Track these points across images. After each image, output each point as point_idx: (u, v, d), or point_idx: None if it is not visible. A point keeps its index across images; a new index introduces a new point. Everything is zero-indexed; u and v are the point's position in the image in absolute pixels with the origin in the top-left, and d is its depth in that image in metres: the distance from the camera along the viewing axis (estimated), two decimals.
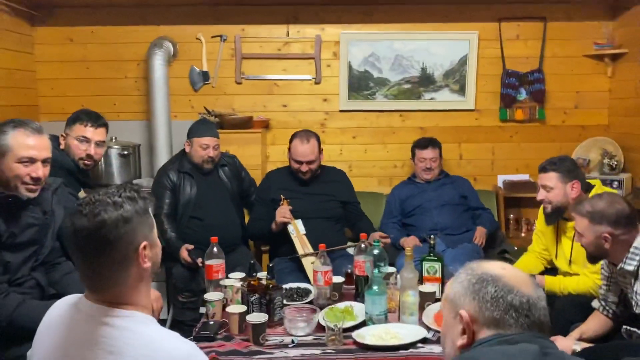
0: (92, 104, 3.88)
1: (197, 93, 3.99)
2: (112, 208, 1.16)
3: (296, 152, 3.05)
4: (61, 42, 3.93)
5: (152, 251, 1.24)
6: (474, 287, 1.09)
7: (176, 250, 2.87)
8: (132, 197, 1.21)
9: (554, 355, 0.99)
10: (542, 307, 1.07)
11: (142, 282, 1.23)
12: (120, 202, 1.18)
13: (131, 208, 1.18)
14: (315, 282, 2.35)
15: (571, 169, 2.49)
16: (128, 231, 1.17)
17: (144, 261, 1.20)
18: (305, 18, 3.94)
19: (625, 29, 3.78)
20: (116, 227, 1.15)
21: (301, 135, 3.08)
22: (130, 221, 1.17)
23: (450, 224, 3.39)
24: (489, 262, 1.15)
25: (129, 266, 1.18)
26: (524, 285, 1.08)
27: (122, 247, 1.16)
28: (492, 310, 1.06)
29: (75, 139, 2.49)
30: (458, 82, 3.98)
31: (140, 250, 1.19)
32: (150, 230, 1.24)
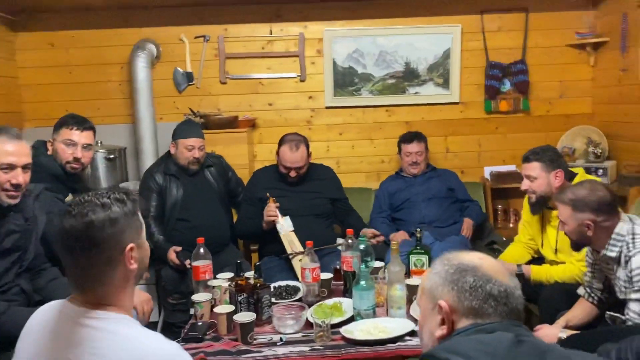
0: (76, 109, 3.84)
1: (182, 94, 3.98)
2: (100, 209, 1.19)
3: (285, 158, 3.05)
4: (43, 47, 3.90)
5: (139, 253, 1.25)
6: (452, 277, 1.09)
7: (164, 252, 2.86)
8: (121, 199, 1.23)
9: (529, 342, 1.01)
10: (518, 296, 1.09)
11: (127, 284, 1.24)
12: (108, 203, 1.20)
13: (119, 210, 1.20)
14: (303, 279, 2.36)
15: (554, 159, 2.51)
16: (115, 232, 1.19)
17: (131, 262, 1.22)
18: (288, 16, 3.94)
19: (606, 18, 3.81)
20: (103, 228, 1.17)
21: (290, 141, 3.06)
22: (117, 222, 1.19)
23: (438, 216, 3.40)
24: (465, 253, 1.16)
25: (116, 267, 1.20)
26: (500, 275, 1.10)
27: (109, 247, 1.18)
28: (471, 300, 1.07)
29: (61, 142, 2.48)
30: (442, 75, 3.99)
31: (127, 251, 1.20)
32: (137, 232, 1.25)
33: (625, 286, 1.90)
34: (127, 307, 1.26)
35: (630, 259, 1.86)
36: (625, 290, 1.90)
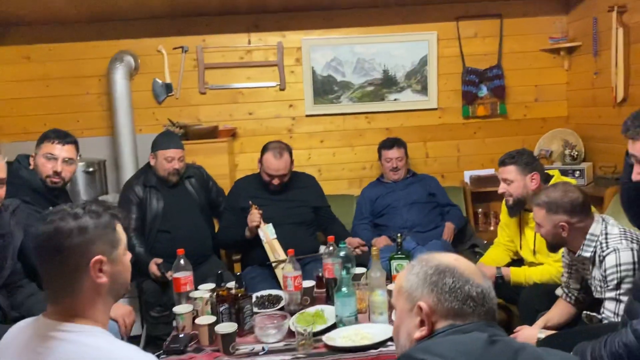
0: (54, 122, 3.81)
1: (161, 105, 3.97)
2: (70, 218, 1.19)
3: (269, 166, 3.04)
4: (18, 61, 3.87)
5: (113, 268, 1.23)
6: (431, 279, 1.10)
7: (145, 265, 2.85)
8: (97, 211, 1.23)
9: (502, 342, 1.02)
10: (493, 297, 1.11)
11: (98, 297, 1.23)
12: (80, 213, 1.20)
13: (91, 221, 1.20)
14: (285, 287, 2.36)
15: (529, 162, 2.55)
16: (82, 242, 1.18)
17: (98, 275, 1.20)
18: (266, 26, 3.96)
19: (578, 23, 3.89)
20: (69, 236, 1.17)
21: (274, 148, 3.05)
22: (85, 232, 1.18)
23: (419, 221, 3.43)
24: (441, 254, 1.17)
25: (81, 278, 1.19)
26: (476, 276, 1.11)
27: (74, 256, 1.18)
28: (450, 301, 1.07)
29: (42, 156, 2.45)
30: (420, 82, 4.04)
31: (93, 262, 1.19)
32: (111, 246, 1.23)
33: (600, 285, 1.94)
34: (101, 321, 1.24)
35: (604, 259, 1.90)
36: (601, 289, 1.93)
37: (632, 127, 1.60)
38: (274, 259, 2.80)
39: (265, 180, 3.09)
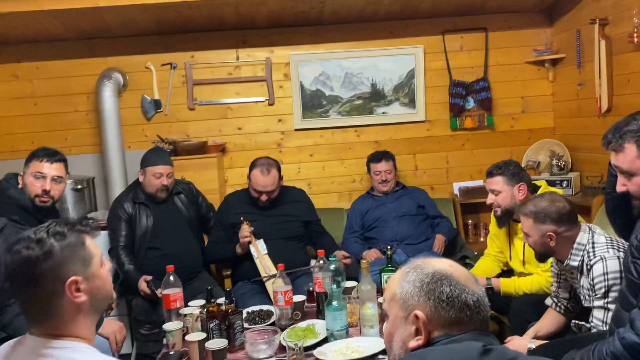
0: (42, 140, 3.82)
1: (150, 122, 3.97)
2: (35, 244, 1.18)
3: (257, 182, 3.04)
4: (6, 80, 3.86)
5: (90, 285, 1.22)
6: (428, 287, 1.07)
7: (135, 282, 2.83)
8: (61, 232, 1.21)
9: (496, 351, 1.02)
10: (487, 304, 1.09)
11: (79, 315, 1.22)
12: (44, 238, 1.19)
13: (57, 244, 1.19)
14: (276, 302, 2.35)
15: (516, 172, 2.57)
16: (52, 267, 1.17)
17: (75, 295, 1.20)
18: (254, 41, 3.98)
19: (562, 35, 3.95)
20: (37, 264, 1.16)
21: (261, 164, 3.05)
22: (53, 257, 1.17)
23: (409, 233, 3.44)
24: (435, 259, 1.14)
25: (59, 300, 1.19)
26: (471, 283, 1.09)
27: (47, 282, 1.17)
28: (448, 310, 1.05)
29: (30, 175, 2.42)
30: (407, 95, 4.07)
31: (68, 285, 1.18)
32: (84, 264, 1.22)
33: (588, 294, 1.95)
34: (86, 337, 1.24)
35: (592, 268, 1.91)
36: (589, 298, 1.95)
37: (614, 139, 1.61)
38: (264, 274, 2.79)
39: (253, 196, 3.09)
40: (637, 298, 1.50)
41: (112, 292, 1.32)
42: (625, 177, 1.61)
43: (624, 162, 1.59)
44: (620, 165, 1.60)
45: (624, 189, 1.62)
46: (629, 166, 1.58)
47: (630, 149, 1.57)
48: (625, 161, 1.59)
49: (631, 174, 1.59)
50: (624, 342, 1.44)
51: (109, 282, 1.30)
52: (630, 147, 1.57)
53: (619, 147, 1.59)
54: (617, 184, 1.64)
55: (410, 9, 3.85)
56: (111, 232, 3.05)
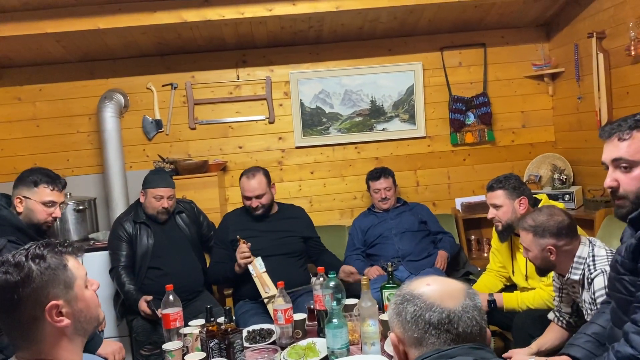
0: (44, 161, 3.85)
1: (151, 142, 3.99)
2: (13, 269, 1.14)
3: (244, 188, 3.07)
4: (9, 102, 3.90)
5: (73, 307, 1.19)
6: (398, 309, 1.09)
7: (135, 302, 2.82)
8: (40, 254, 1.17)
9: None
10: (466, 318, 1.04)
11: (63, 340, 1.19)
12: (22, 262, 1.15)
13: (36, 267, 1.15)
14: (276, 321, 2.33)
15: (517, 186, 2.56)
16: (31, 292, 1.14)
17: (57, 320, 1.16)
18: (254, 61, 4.02)
19: (560, 49, 3.97)
20: (15, 289, 1.13)
21: (247, 172, 3.10)
22: (32, 282, 1.14)
23: (411, 250, 3.42)
24: (417, 280, 1.13)
25: (40, 325, 1.16)
26: (447, 299, 1.06)
27: (26, 308, 1.14)
28: (413, 330, 1.05)
29: (40, 203, 2.42)
30: (407, 111, 4.09)
31: (48, 309, 1.15)
32: (66, 286, 1.19)
33: (590, 308, 1.92)
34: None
35: (593, 281, 1.89)
36: (592, 312, 1.92)
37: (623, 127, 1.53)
38: (264, 293, 2.77)
39: (246, 206, 3.09)
40: (627, 313, 1.48)
41: (98, 314, 1.28)
42: (622, 170, 1.53)
43: (628, 151, 1.50)
44: (624, 155, 1.51)
45: (615, 184, 1.54)
46: (633, 155, 1.50)
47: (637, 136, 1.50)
48: (631, 150, 1.50)
49: (632, 166, 1.51)
50: (618, 355, 1.41)
51: (94, 304, 1.26)
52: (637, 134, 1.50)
53: (627, 136, 1.51)
54: (608, 178, 1.54)
55: (408, 26, 3.89)
56: (112, 252, 3.05)
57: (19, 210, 2.42)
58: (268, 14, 3.26)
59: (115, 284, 3.01)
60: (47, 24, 3.13)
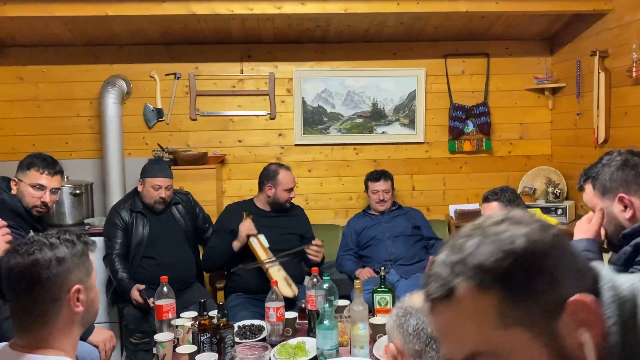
0: (43, 143, 3.85)
1: (152, 130, 4.00)
2: (47, 248, 1.20)
3: (288, 180, 3.16)
4: (11, 81, 3.89)
5: (88, 296, 1.25)
6: (399, 321, 1.12)
7: (127, 290, 2.84)
8: (71, 240, 1.24)
9: None
10: None
11: (72, 326, 1.24)
12: (56, 243, 1.21)
13: (67, 250, 1.21)
14: (267, 318, 2.36)
15: (512, 199, 2.60)
16: (61, 272, 1.19)
17: (76, 304, 1.22)
18: (259, 56, 4.03)
19: (562, 64, 4.01)
20: (48, 267, 1.18)
21: (281, 165, 3.24)
22: (63, 262, 1.20)
23: (403, 254, 3.46)
24: (419, 293, 1.18)
25: (59, 308, 1.20)
26: None
27: (53, 287, 1.19)
28: (414, 343, 1.09)
29: (30, 186, 2.41)
30: (408, 116, 4.11)
31: (72, 292, 1.21)
32: (87, 274, 1.26)
33: None
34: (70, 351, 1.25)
35: None
36: None
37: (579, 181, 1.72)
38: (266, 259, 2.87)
39: (282, 200, 3.16)
40: None
41: (98, 308, 1.34)
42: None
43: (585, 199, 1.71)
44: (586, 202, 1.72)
45: None
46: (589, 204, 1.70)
47: (588, 189, 1.68)
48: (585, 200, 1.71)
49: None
50: None
51: (98, 297, 1.32)
52: (588, 187, 1.68)
53: (581, 189, 1.73)
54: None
55: (414, 32, 3.91)
56: (107, 239, 3.06)
57: (13, 192, 2.43)
58: (277, 12, 3.27)
59: (109, 271, 3.03)
60: (55, 7, 3.13)
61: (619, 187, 1.59)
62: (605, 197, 1.62)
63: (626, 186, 1.58)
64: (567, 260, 0.69)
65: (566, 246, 0.71)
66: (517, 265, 0.66)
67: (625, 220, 1.58)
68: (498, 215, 0.74)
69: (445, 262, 0.70)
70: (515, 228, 0.69)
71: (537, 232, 0.69)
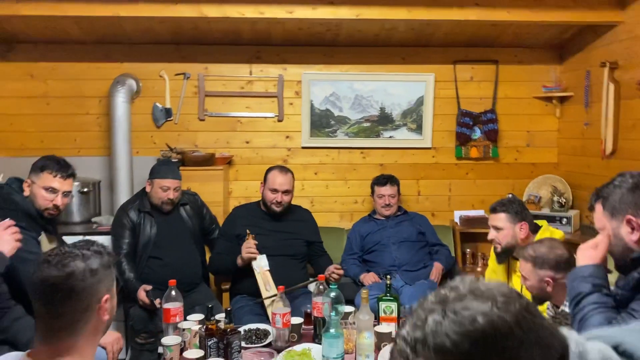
0: (52, 140, 3.88)
1: (160, 129, 4.02)
2: (80, 260, 1.24)
3: (274, 181, 3.09)
4: (21, 78, 3.91)
5: (111, 304, 1.31)
6: None
7: (134, 290, 2.86)
8: (99, 251, 1.29)
9: None
10: None
11: (97, 334, 1.28)
12: (88, 254, 1.26)
13: (98, 261, 1.26)
14: (274, 324, 2.38)
15: (519, 211, 2.61)
16: (94, 283, 1.24)
17: (104, 314, 1.27)
18: (268, 58, 4.04)
19: (571, 74, 4.01)
20: (83, 278, 1.22)
21: (280, 167, 3.19)
22: (96, 274, 1.24)
23: (408, 260, 3.47)
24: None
25: (90, 318, 1.24)
26: None
27: (86, 297, 1.23)
28: None
29: (42, 188, 2.41)
30: (415, 121, 4.12)
31: (103, 302, 1.25)
32: (112, 284, 1.32)
33: None
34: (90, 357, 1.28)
35: None
36: None
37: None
38: (265, 292, 2.81)
39: (268, 199, 3.11)
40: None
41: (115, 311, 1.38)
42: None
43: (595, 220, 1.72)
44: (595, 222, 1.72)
45: None
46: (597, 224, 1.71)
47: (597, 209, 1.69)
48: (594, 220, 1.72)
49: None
50: None
51: (116, 301, 1.37)
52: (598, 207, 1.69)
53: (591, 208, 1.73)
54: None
55: (424, 37, 3.91)
56: (114, 239, 3.08)
57: (26, 193, 2.43)
58: (288, 16, 3.27)
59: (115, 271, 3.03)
60: (68, 7, 3.13)
61: (628, 209, 1.60)
62: (613, 218, 1.63)
63: (635, 209, 1.59)
64: (531, 336, 0.68)
65: (532, 320, 0.70)
66: (476, 348, 0.66)
67: (632, 243, 1.59)
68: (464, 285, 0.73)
69: (407, 339, 0.71)
70: (478, 304, 0.68)
71: (499, 310, 0.68)
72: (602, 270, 1.68)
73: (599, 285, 1.63)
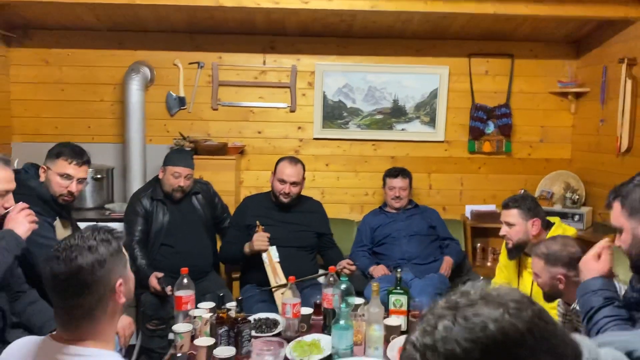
0: (66, 126, 3.91)
1: (173, 118, 4.03)
2: (88, 252, 1.23)
3: (283, 172, 3.10)
4: (37, 64, 3.94)
5: (127, 285, 1.31)
6: None
7: (146, 277, 2.88)
8: (107, 239, 1.28)
9: None
10: None
11: (115, 317, 1.30)
12: (95, 245, 1.24)
13: (106, 250, 1.25)
14: (284, 314, 2.40)
15: (532, 207, 2.60)
16: (104, 274, 1.24)
17: (120, 297, 1.28)
18: (282, 48, 4.03)
19: (587, 69, 3.96)
20: (92, 271, 1.22)
21: (290, 158, 3.19)
22: (105, 264, 1.24)
23: (418, 253, 3.47)
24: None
25: (106, 304, 1.26)
26: None
27: (99, 288, 1.24)
28: None
29: (57, 174, 2.44)
30: (428, 114, 4.10)
31: (117, 287, 1.27)
32: (124, 266, 1.31)
33: None
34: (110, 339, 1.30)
35: None
36: None
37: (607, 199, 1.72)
38: (274, 282, 2.83)
39: (276, 190, 3.11)
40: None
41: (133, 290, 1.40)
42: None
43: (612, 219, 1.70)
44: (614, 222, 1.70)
45: (619, 244, 1.71)
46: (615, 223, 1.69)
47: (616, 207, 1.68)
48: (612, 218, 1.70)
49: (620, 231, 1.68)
50: None
51: (134, 279, 1.39)
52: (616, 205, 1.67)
53: (609, 206, 1.71)
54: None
55: (439, 30, 3.88)
56: (127, 226, 3.11)
57: (41, 179, 2.46)
58: (303, 7, 3.26)
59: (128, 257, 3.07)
60: None
61: None
62: (632, 217, 1.61)
63: None
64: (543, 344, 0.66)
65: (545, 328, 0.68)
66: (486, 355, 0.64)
67: None
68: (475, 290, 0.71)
69: (416, 345, 0.68)
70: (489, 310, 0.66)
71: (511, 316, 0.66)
72: (610, 282, 1.67)
73: (611, 298, 1.62)
